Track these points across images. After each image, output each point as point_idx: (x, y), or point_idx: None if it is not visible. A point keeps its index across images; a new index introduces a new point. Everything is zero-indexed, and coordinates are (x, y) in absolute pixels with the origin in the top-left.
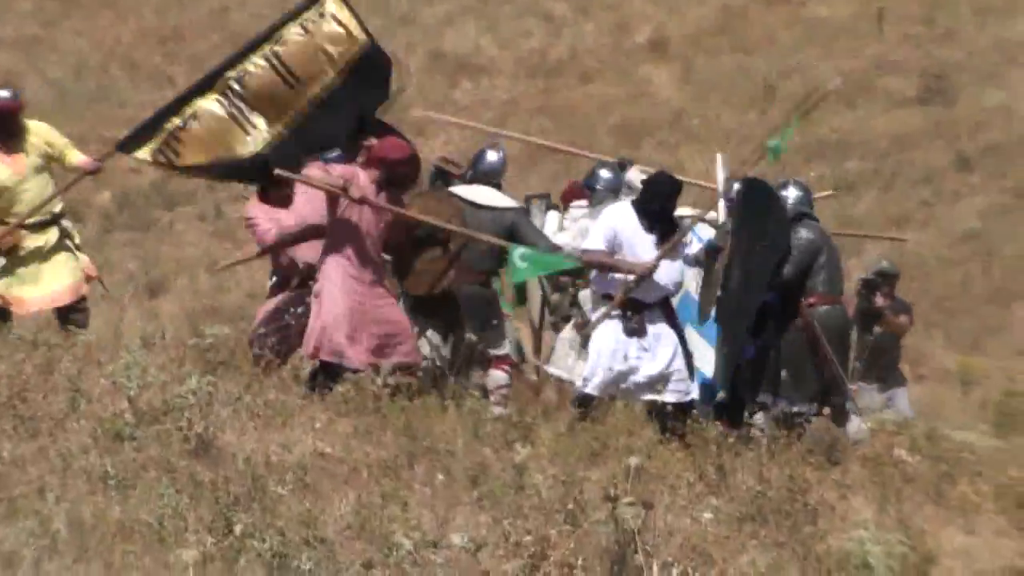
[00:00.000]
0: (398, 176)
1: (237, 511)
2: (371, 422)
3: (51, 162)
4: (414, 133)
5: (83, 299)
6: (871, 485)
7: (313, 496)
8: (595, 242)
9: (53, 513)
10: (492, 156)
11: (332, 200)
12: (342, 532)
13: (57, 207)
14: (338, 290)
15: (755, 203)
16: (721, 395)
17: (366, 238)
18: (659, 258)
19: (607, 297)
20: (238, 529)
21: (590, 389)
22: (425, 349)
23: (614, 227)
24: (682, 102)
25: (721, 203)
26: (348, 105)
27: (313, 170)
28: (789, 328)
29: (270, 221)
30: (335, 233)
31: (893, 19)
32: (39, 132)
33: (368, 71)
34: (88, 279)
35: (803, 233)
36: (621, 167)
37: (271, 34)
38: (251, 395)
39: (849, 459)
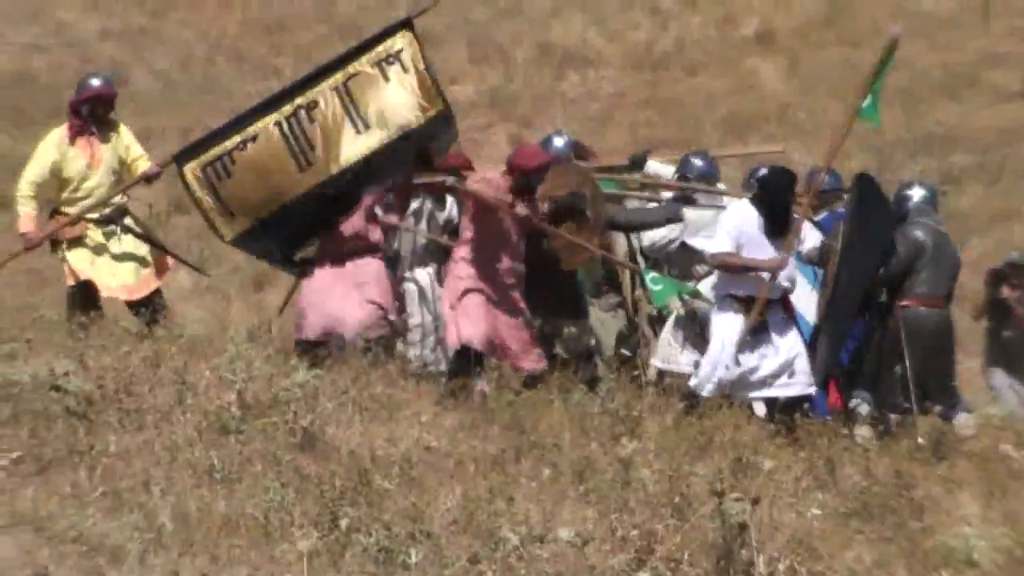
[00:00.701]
0: (533, 183)
1: (343, 505)
2: (477, 416)
3: (123, 167)
4: (521, 124)
5: (157, 293)
6: (977, 481)
7: (419, 490)
8: (723, 244)
9: (159, 506)
10: (558, 141)
11: (478, 208)
12: (448, 526)
13: (119, 203)
14: (473, 289)
15: (865, 200)
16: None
17: (507, 245)
18: (787, 254)
19: (731, 297)
20: (344, 523)
21: (707, 391)
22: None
23: (739, 226)
24: (788, 95)
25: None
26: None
27: (477, 185)
28: (886, 328)
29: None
30: (480, 239)
31: (999, 12)
32: (125, 137)
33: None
34: (160, 274)
35: (912, 232)
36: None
37: (343, 63)
38: (357, 388)
39: (955, 455)
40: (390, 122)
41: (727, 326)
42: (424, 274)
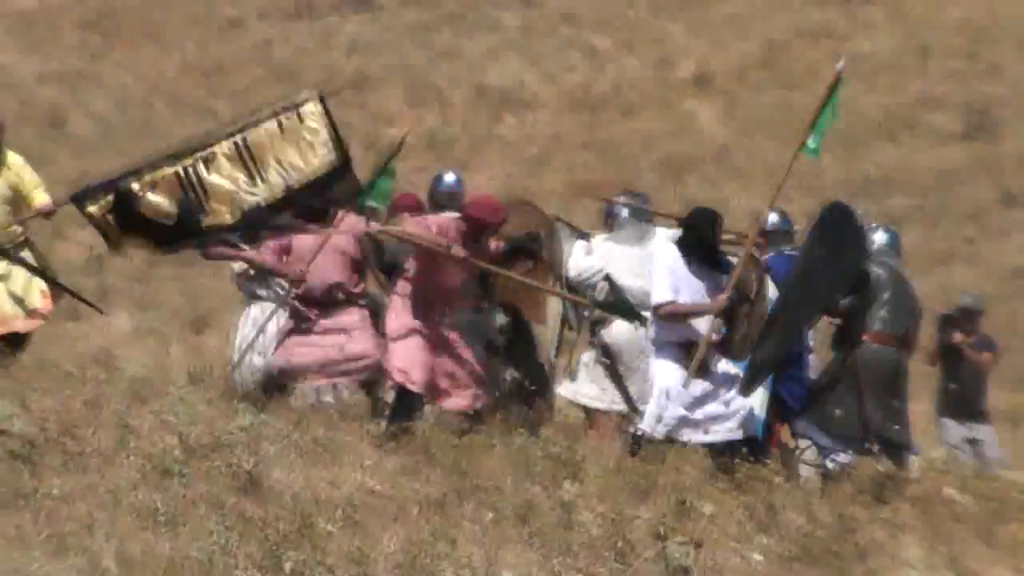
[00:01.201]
0: (488, 234)
1: (286, 548)
2: (419, 459)
3: (17, 196)
4: (459, 167)
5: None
6: (921, 525)
7: (362, 533)
8: (663, 293)
9: (103, 550)
10: (450, 178)
11: (422, 250)
12: (391, 570)
13: (18, 237)
14: (411, 329)
15: (833, 227)
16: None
17: (449, 285)
18: (728, 293)
19: (670, 344)
20: (287, 566)
21: (658, 433)
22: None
23: (673, 269)
24: (726, 137)
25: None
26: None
27: (412, 226)
28: (837, 364)
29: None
30: (419, 278)
31: (936, 54)
32: (15, 166)
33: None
34: (38, 317)
35: (873, 269)
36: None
37: (246, 126)
38: (299, 432)
39: (899, 498)
40: (288, 174)
41: (668, 374)
42: None
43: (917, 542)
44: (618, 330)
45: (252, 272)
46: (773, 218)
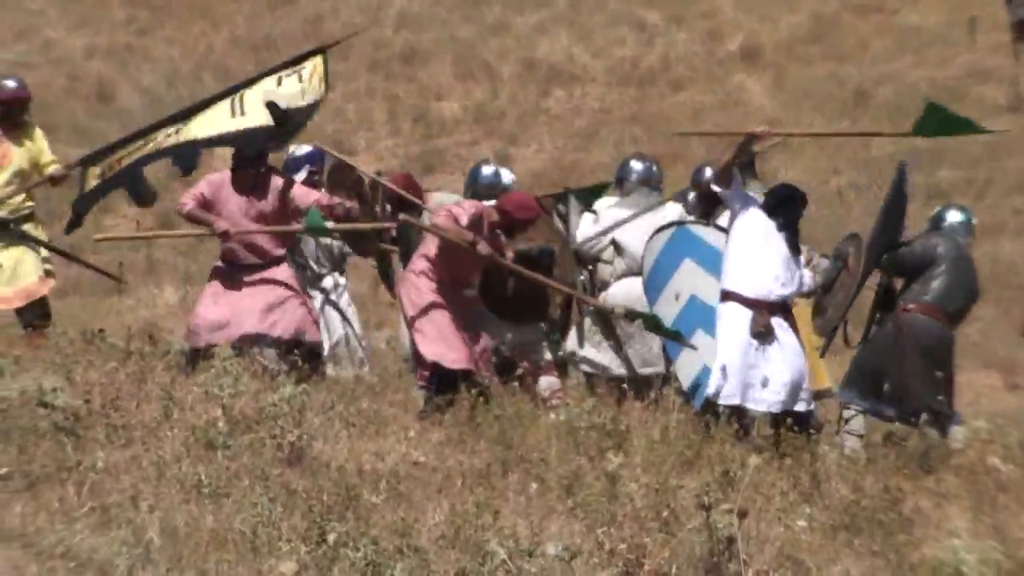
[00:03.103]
0: (518, 230)
1: (331, 520)
2: (464, 431)
3: (32, 170)
4: (506, 141)
5: (44, 299)
6: (965, 494)
7: (406, 505)
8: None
9: (146, 522)
10: (488, 170)
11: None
12: (436, 541)
13: (23, 210)
14: (435, 301)
15: (893, 196)
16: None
17: (469, 269)
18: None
19: (734, 296)
20: (332, 538)
21: (724, 399)
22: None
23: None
24: (774, 110)
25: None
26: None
27: (441, 219)
28: (880, 335)
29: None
30: (443, 260)
31: (985, 27)
32: (38, 140)
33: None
34: (40, 288)
35: (933, 240)
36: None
37: (247, 83)
38: (344, 404)
39: (943, 468)
40: (262, 114)
41: (732, 331)
42: (328, 280)
43: (962, 512)
44: (615, 292)
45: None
46: (709, 172)
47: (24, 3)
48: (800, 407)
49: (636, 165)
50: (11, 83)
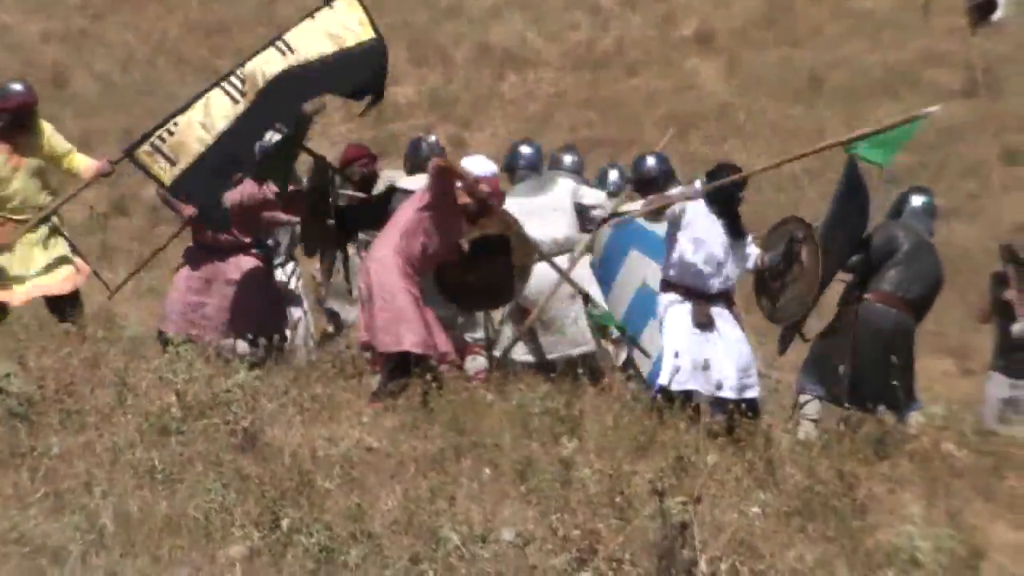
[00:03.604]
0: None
1: (284, 505)
2: (417, 416)
3: (51, 164)
4: (460, 125)
5: (76, 293)
6: (920, 480)
7: (360, 490)
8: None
9: (100, 507)
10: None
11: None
12: (389, 526)
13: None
14: (401, 285)
15: (846, 181)
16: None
17: (427, 256)
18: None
19: (669, 286)
20: (285, 524)
21: (676, 385)
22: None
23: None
24: (728, 95)
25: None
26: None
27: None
28: (839, 320)
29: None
30: (404, 245)
31: (939, 11)
32: (47, 134)
33: (364, 58)
34: (80, 273)
35: (892, 229)
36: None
37: (282, 33)
38: (297, 389)
39: (898, 454)
40: (314, 44)
41: (679, 319)
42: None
43: (916, 498)
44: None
45: None
46: (650, 163)
47: None
48: (750, 393)
49: (524, 150)
50: (18, 87)
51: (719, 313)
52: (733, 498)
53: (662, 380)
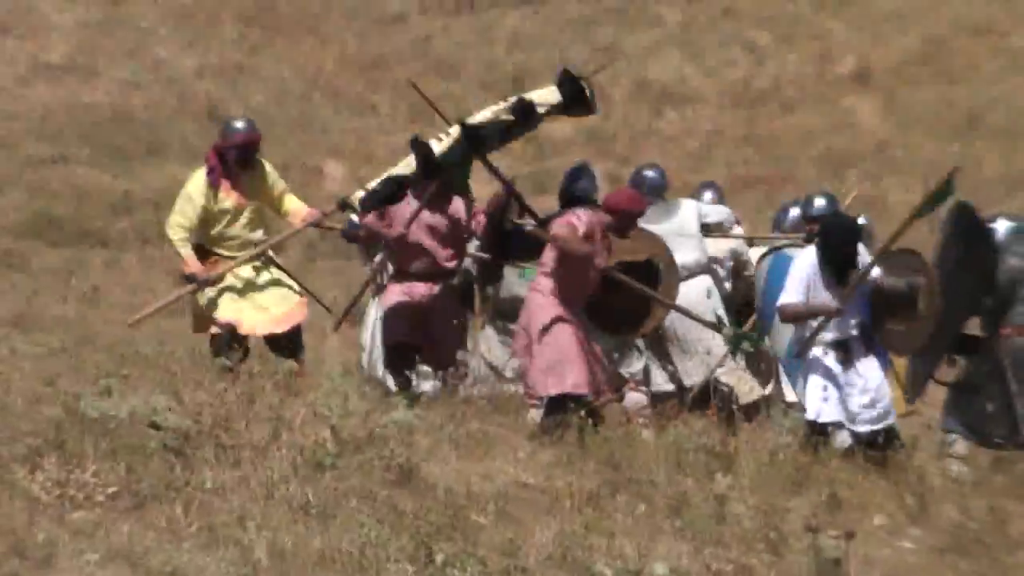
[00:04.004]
0: (627, 226)
1: (438, 540)
2: (573, 452)
3: (268, 203)
4: (618, 162)
5: (298, 328)
6: None
7: (515, 526)
8: (790, 296)
9: (254, 542)
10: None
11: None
12: (543, 561)
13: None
14: (559, 325)
15: (961, 228)
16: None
17: (584, 283)
18: (846, 299)
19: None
20: (439, 559)
21: (824, 418)
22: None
23: (810, 275)
24: (885, 133)
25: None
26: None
27: (562, 230)
28: (987, 358)
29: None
30: (563, 274)
31: None
32: (268, 173)
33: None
34: (302, 310)
35: (1008, 260)
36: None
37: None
38: (453, 424)
39: None
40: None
41: (820, 357)
42: None
43: None
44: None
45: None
46: (820, 203)
47: (136, 21)
48: (886, 423)
49: (649, 174)
50: (241, 124)
51: (857, 352)
52: (885, 534)
53: (809, 414)
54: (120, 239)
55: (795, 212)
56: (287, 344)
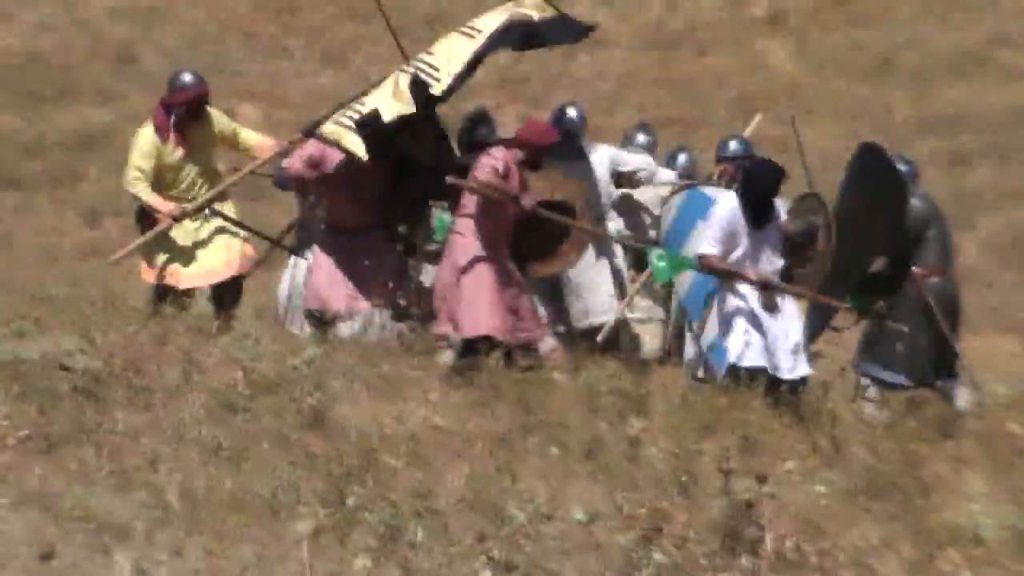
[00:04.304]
0: (539, 158)
1: (350, 483)
2: (484, 394)
3: (224, 146)
4: (531, 104)
5: (240, 277)
6: (983, 459)
7: (427, 468)
8: (708, 245)
9: (166, 484)
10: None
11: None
12: (455, 504)
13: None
14: (479, 267)
15: (870, 169)
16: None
17: (506, 223)
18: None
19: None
20: (351, 501)
21: (748, 361)
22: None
23: (732, 223)
24: (798, 75)
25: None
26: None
27: (484, 174)
28: (901, 300)
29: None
30: (483, 216)
31: None
32: (216, 119)
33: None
34: (247, 257)
35: (913, 203)
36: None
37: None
38: (364, 366)
39: (961, 433)
40: (497, 19)
41: (744, 300)
42: None
43: (980, 476)
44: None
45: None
46: (733, 145)
47: None
48: (803, 372)
49: (570, 113)
50: (189, 79)
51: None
52: (798, 477)
53: (731, 357)
54: (32, 182)
55: (683, 158)
56: (229, 295)
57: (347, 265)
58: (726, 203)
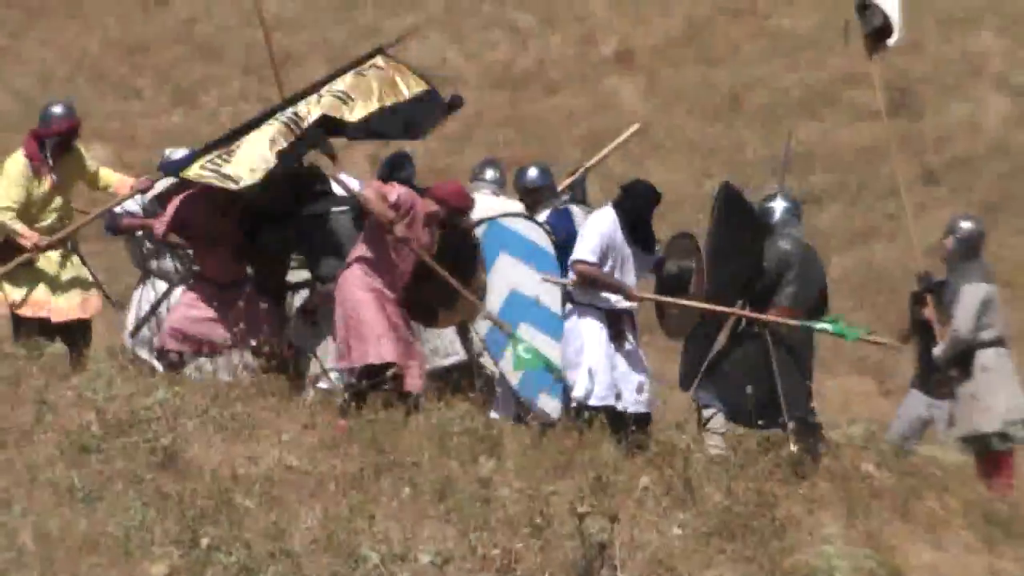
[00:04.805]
0: (451, 221)
1: (204, 524)
2: (337, 435)
3: (86, 182)
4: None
5: (88, 322)
6: (838, 500)
7: (280, 509)
8: (587, 253)
9: (19, 526)
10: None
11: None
12: (309, 545)
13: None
14: (364, 300)
15: (728, 210)
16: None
17: (396, 261)
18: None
19: (592, 307)
20: (204, 542)
21: (593, 400)
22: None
23: (606, 234)
24: (647, 113)
25: None
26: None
27: (370, 191)
28: (746, 340)
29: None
30: (370, 247)
31: (858, 31)
32: (83, 156)
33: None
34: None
35: (779, 245)
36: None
37: (323, 83)
38: (217, 407)
39: (816, 474)
40: (375, 97)
41: (593, 334)
42: None
43: (835, 517)
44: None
45: (149, 245)
46: (532, 174)
47: None
48: (643, 408)
49: (531, 174)
50: (60, 110)
51: (628, 328)
52: (652, 517)
53: (577, 394)
54: None
55: (533, 172)
56: (81, 334)
57: (210, 311)
58: (604, 215)
